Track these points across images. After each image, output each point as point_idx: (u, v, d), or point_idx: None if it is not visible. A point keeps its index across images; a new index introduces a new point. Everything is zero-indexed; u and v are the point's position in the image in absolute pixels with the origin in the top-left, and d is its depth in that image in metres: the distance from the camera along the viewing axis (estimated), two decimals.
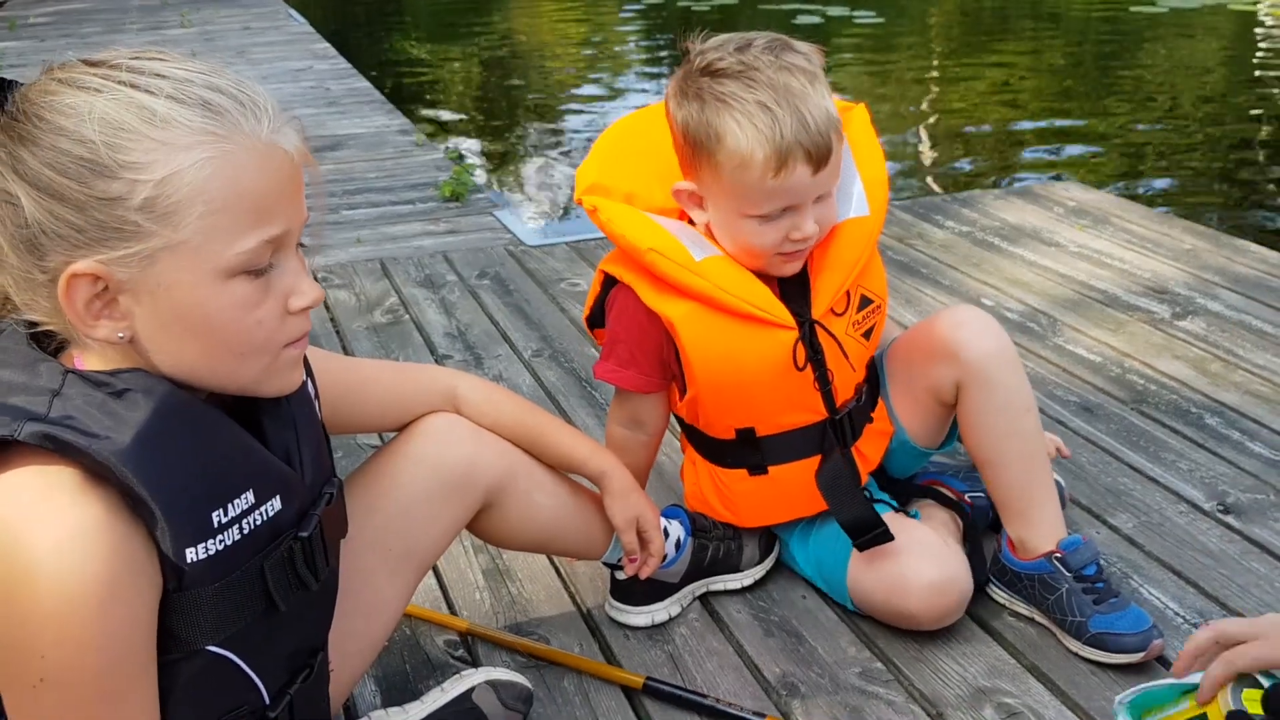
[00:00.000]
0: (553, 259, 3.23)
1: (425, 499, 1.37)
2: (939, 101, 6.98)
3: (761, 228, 1.48)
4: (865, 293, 1.58)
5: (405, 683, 1.55)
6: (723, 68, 1.44)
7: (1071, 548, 1.58)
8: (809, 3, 9.95)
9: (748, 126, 1.41)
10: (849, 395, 1.61)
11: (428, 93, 7.54)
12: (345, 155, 4.63)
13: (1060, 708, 1.47)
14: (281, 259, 0.98)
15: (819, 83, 1.44)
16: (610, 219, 1.54)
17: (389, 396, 1.38)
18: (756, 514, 1.68)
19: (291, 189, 0.97)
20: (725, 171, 1.45)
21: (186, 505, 0.94)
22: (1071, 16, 9.75)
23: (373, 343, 2.69)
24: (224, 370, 0.99)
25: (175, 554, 0.93)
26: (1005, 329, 1.64)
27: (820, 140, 1.41)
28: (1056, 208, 3.46)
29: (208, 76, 0.94)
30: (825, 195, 1.49)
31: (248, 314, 0.96)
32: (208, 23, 8.24)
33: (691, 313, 1.51)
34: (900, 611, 1.57)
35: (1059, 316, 2.68)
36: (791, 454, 1.60)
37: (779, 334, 1.52)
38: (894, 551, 1.56)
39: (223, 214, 0.92)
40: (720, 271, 1.51)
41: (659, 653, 1.60)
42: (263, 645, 1.06)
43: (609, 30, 10.16)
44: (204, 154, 0.91)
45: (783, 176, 1.42)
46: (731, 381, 1.55)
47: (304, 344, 1.04)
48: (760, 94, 1.41)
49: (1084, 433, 2.15)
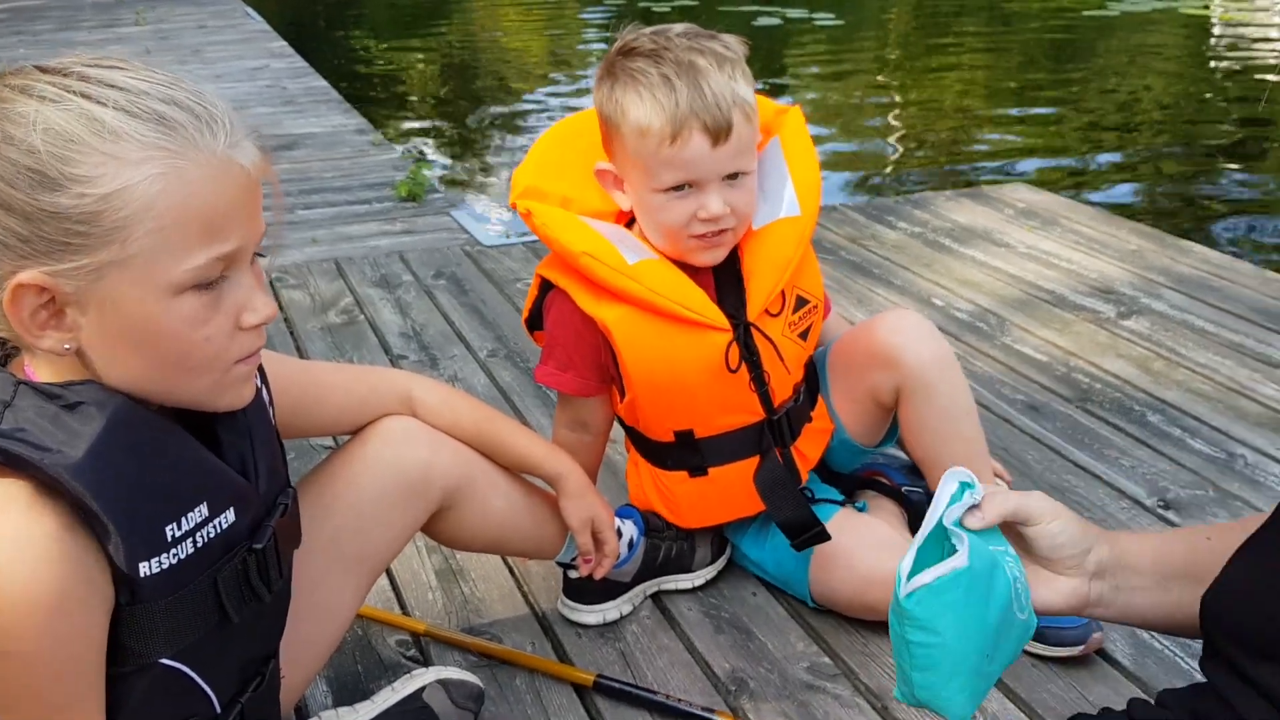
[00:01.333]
0: (509, 259, 3.24)
1: (380, 502, 1.37)
2: (894, 103, 7.05)
3: (669, 203, 1.49)
4: (801, 293, 1.60)
5: (357, 683, 1.55)
6: (636, 48, 1.48)
7: None
8: (768, 5, 10.00)
9: (648, 97, 1.44)
10: (787, 395, 1.63)
11: (386, 93, 7.50)
12: (301, 155, 4.60)
13: (1002, 699, 1.50)
14: (234, 274, 0.97)
15: (730, 66, 1.46)
16: (544, 223, 1.55)
17: (344, 400, 1.38)
18: (697, 515, 1.70)
19: (246, 205, 0.96)
20: (630, 143, 1.48)
21: (140, 520, 0.94)
22: (1025, 20, 9.87)
23: (327, 343, 2.69)
24: (172, 385, 0.98)
25: (128, 568, 0.93)
26: (955, 328, 1.67)
27: (717, 113, 1.43)
28: (1006, 209, 3.51)
29: (165, 88, 0.93)
30: (737, 179, 1.49)
31: (196, 330, 0.95)
32: (162, 20, 8.15)
33: (626, 317, 1.53)
34: (868, 604, 1.59)
35: (1007, 316, 2.73)
36: (731, 455, 1.62)
37: (713, 336, 1.53)
38: (855, 547, 1.59)
39: (172, 230, 0.91)
40: (653, 274, 1.52)
41: (610, 650, 1.62)
42: (215, 656, 1.06)
43: (570, 32, 10.16)
44: (154, 169, 0.90)
45: (678, 146, 1.44)
46: (668, 384, 1.56)
47: (256, 359, 1.03)
48: (665, 69, 1.44)
49: (1030, 430, 2.19)
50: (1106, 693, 1.50)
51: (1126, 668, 1.55)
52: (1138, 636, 1.61)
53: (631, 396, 1.59)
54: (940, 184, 5.11)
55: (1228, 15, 9.61)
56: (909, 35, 9.77)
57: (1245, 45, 8.38)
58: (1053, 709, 1.48)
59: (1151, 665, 1.55)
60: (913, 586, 0.84)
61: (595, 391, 1.63)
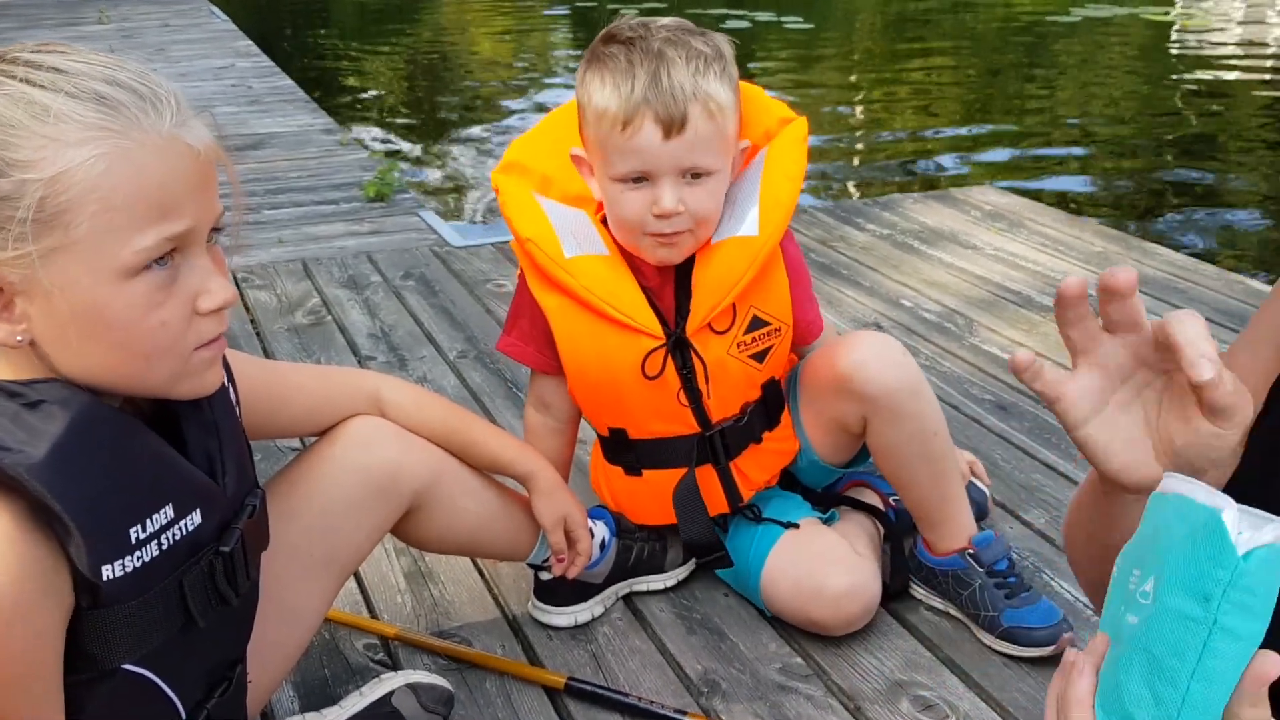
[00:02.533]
0: (479, 260, 3.22)
1: (349, 504, 1.35)
2: (863, 106, 7.09)
3: (624, 194, 1.48)
4: (759, 314, 1.56)
5: (324, 688, 1.53)
6: (616, 34, 1.47)
7: (984, 544, 1.62)
8: (736, 7, 10.02)
9: (609, 82, 1.43)
10: (730, 413, 1.60)
11: (354, 92, 7.45)
12: (267, 154, 4.56)
13: (974, 699, 1.50)
14: (188, 257, 0.95)
15: (702, 61, 1.43)
16: (505, 202, 1.57)
17: (311, 400, 1.36)
18: (637, 512, 1.70)
19: (197, 184, 0.94)
20: (590, 126, 1.47)
21: (103, 521, 0.92)
22: (991, 24, 9.95)
23: (294, 344, 2.66)
24: (131, 373, 0.96)
25: (90, 571, 0.91)
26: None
27: (670, 103, 1.40)
28: (973, 211, 3.53)
29: (107, 70, 0.91)
30: (700, 178, 1.47)
31: (150, 315, 0.93)
32: (126, 19, 8.06)
33: (564, 307, 1.53)
34: (809, 618, 1.59)
35: (975, 317, 2.74)
36: (662, 462, 1.62)
37: (641, 340, 1.52)
38: (805, 559, 1.59)
39: (118, 212, 0.89)
40: (589, 271, 1.51)
41: (582, 652, 1.61)
42: (181, 662, 1.04)
43: (537, 32, 10.14)
44: (96, 150, 0.88)
45: (629, 133, 1.42)
46: (599, 381, 1.56)
47: (220, 345, 1.00)
48: (634, 55, 1.43)
49: (998, 430, 2.20)
50: None
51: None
52: None
53: (569, 386, 1.60)
54: (908, 186, 5.14)
55: (1189, 22, 9.73)
56: (876, 38, 9.83)
57: (1205, 49, 8.49)
58: (1024, 708, 1.48)
59: None
60: (1252, 544, 0.62)
61: (553, 370, 1.62)
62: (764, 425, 1.64)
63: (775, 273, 1.58)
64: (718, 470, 1.61)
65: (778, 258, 1.58)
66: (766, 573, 1.61)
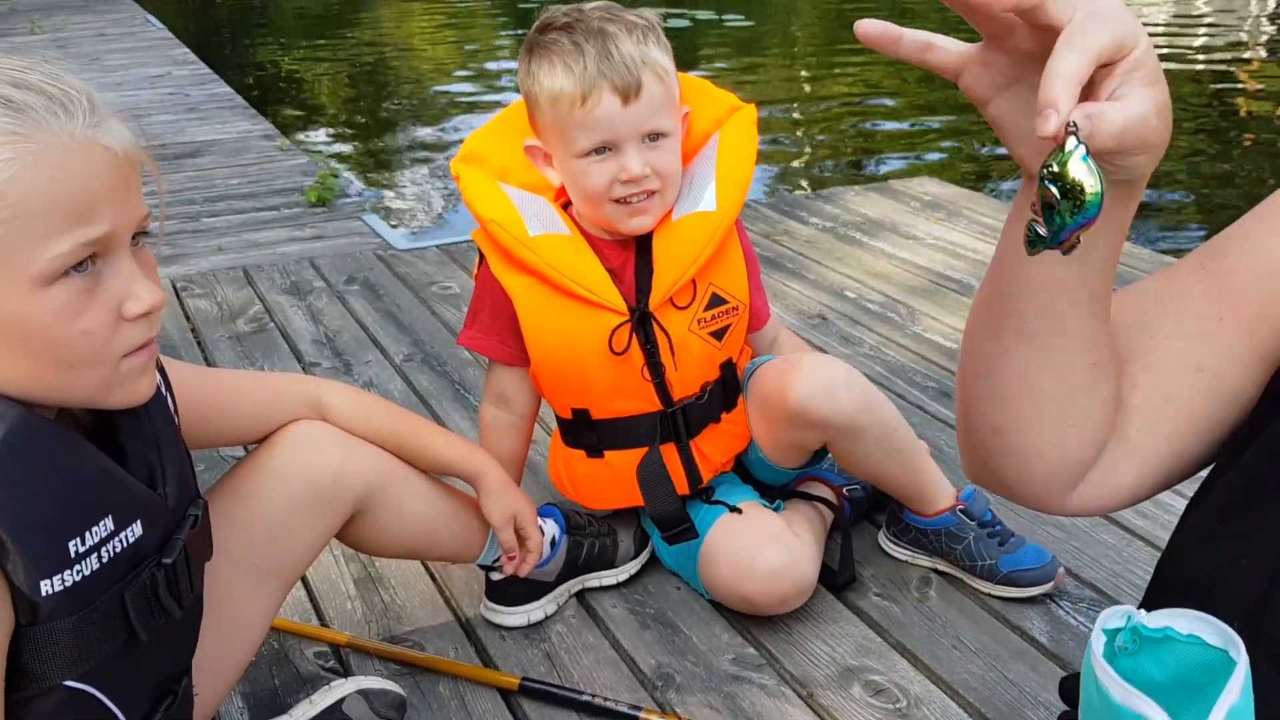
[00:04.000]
0: (423, 262, 3.20)
1: (292, 511, 1.33)
2: (803, 101, 7.14)
3: (590, 167, 1.50)
4: (718, 291, 1.59)
5: (274, 698, 1.51)
6: (551, 23, 1.50)
7: (970, 499, 1.71)
8: (677, 6, 10.05)
9: (559, 64, 1.47)
10: (691, 391, 1.62)
11: (293, 98, 7.37)
12: (206, 162, 4.50)
13: (925, 682, 1.52)
14: (111, 262, 0.92)
15: (641, 32, 1.49)
16: (465, 187, 1.59)
17: (251, 408, 1.34)
18: (596, 497, 1.71)
19: (115, 187, 0.91)
20: (547, 113, 1.50)
21: (40, 535, 0.90)
22: (927, 16, 10.06)
23: (236, 352, 2.63)
24: (57, 383, 0.93)
25: (29, 587, 0.89)
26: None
27: (624, 72, 1.45)
28: (913, 202, 3.57)
29: (15, 73, 0.89)
30: (658, 140, 1.51)
31: (71, 323, 0.90)
32: (59, 29, 7.90)
33: (528, 287, 1.55)
34: (741, 595, 1.60)
35: (916, 305, 2.77)
36: (624, 441, 1.63)
37: (607, 317, 1.54)
38: (741, 536, 1.60)
39: (29, 218, 0.87)
40: (553, 249, 1.53)
41: (535, 652, 1.60)
42: (124, 676, 1.02)
43: (480, 34, 10.09)
44: (3, 155, 0.86)
45: (589, 107, 1.46)
46: (563, 360, 1.58)
47: (151, 351, 0.98)
48: (576, 37, 1.47)
49: (941, 416, 2.23)
50: (1025, 670, 1.53)
51: (1045, 645, 1.58)
52: (1054, 615, 1.64)
53: (533, 368, 1.61)
54: (849, 179, 5.18)
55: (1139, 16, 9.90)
56: (816, 33, 9.90)
57: None
58: (974, 689, 1.50)
59: (1068, 642, 1.58)
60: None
61: (516, 360, 1.63)
62: (722, 406, 1.66)
63: (732, 252, 1.61)
64: (679, 449, 1.63)
65: (734, 237, 1.61)
66: (704, 551, 1.62)
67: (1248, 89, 7.08)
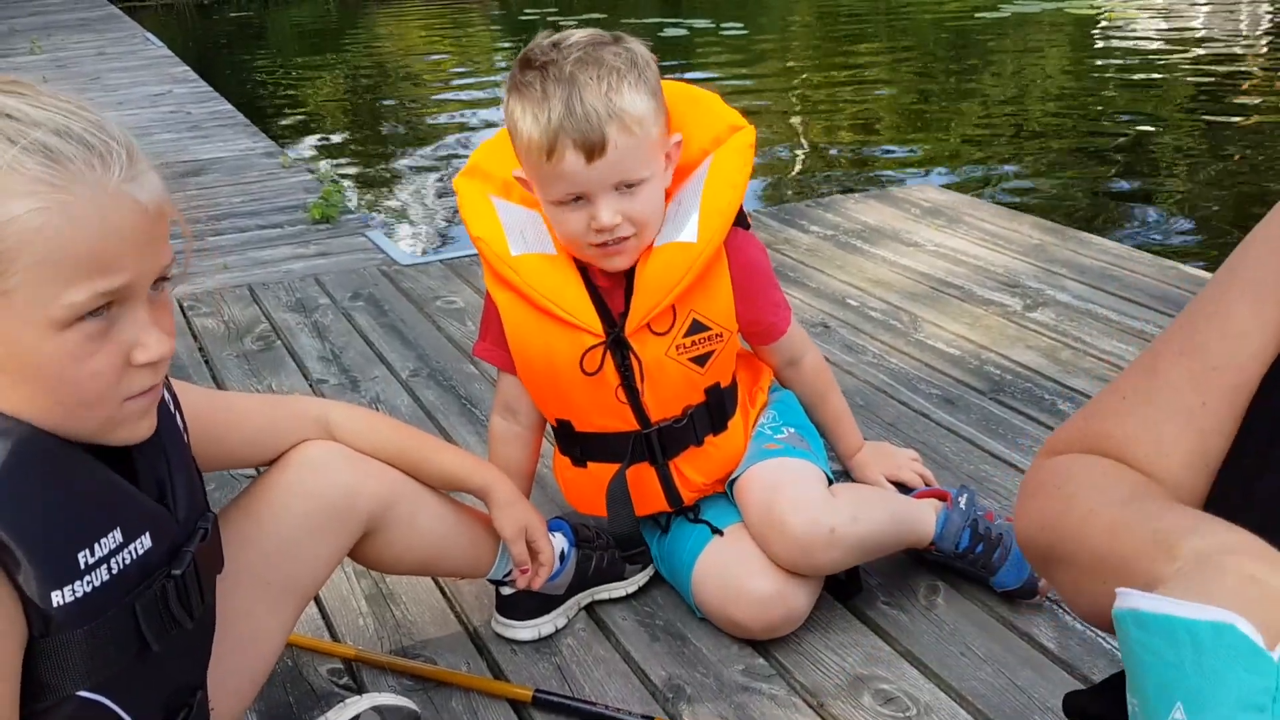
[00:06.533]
0: (427, 277, 3.21)
1: (304, 530, 1.35)
2: (801, 109, 7.16)
3: (563, 215, 1.51)
4: (700, 318, 1.58)
5: (289, 715, 1.53)
6: (531, 59, 1.48)
7: (940, 536, 1.69)
8: (674, 16, 10.08)
9: (530, 112, 1.45)
10: (670, 414, 1.62)
11: (295, 115, 7.40)
12: (209, 180, 4.52)
13: (934, 690, 1.53)
14: (127, 309, 0.95)
15: (614, 77, 1.43)
16: (461, 204, 1.62)
17: (260, 429, 1.36)
18: (582, 502, 1.74)
19: (141, 239, 0.94)
20: (521, 153, 1.51)
21: (50, 547, 0.92)
22: (922, 23, 10.09)
23: (244, 370, 2.65)
24: (63, 419, 0.96)
25: (40, 598, 0.91)
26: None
27: (586, 128, 1.42)
28: (913, 209, 3.59)
29: (59, 118, 0.91)
30: (633, 186, 1.48)
31: (81, 365, 0.93)
32: (59, 49, 7.94)
33: (511, 301, 1.59)
34: (729, 618, 1.61)
35: (919, 313, 2.79)
36: (604, 455, 1.66)
37: (582, 337, 1.56)
38: (733, 562, 1.61)
39: (51, 265, 0.89)
40: (533, 269, 1.56)
41: (547, 665, 1.62)
42: (138, 687, 1.04)
43: (479, 48, 10.13)
44: (36, 204, 0.88)
45: (554, 162, 1.45)
46: (544, 374, 1.61)
47: (154, 395, 1.01)
48: (548, 84, 1.44)
49: (946, 423, 2.24)
50: (1033, 676, 1.54)
51: (1053, 651, 1.59)
52: (1060, 620, 1.65)
53: (520, 379, 1.65)
54: (848, 187, 5.20)
55: (1113, 14, 9.93)
56: (813, 43, 9.93)
57: (1131, 40, 8.67)
58: (983, 696, 1.51)
59: (1076, 648, 1.60)
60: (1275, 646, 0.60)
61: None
62: (707, 429, 1.66)
63: (717, 279, 1.59)
64: (657, 469, 1.65)
65: (720, 264, 1.59)
66: (696, 573, 1.64)
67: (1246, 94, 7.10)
